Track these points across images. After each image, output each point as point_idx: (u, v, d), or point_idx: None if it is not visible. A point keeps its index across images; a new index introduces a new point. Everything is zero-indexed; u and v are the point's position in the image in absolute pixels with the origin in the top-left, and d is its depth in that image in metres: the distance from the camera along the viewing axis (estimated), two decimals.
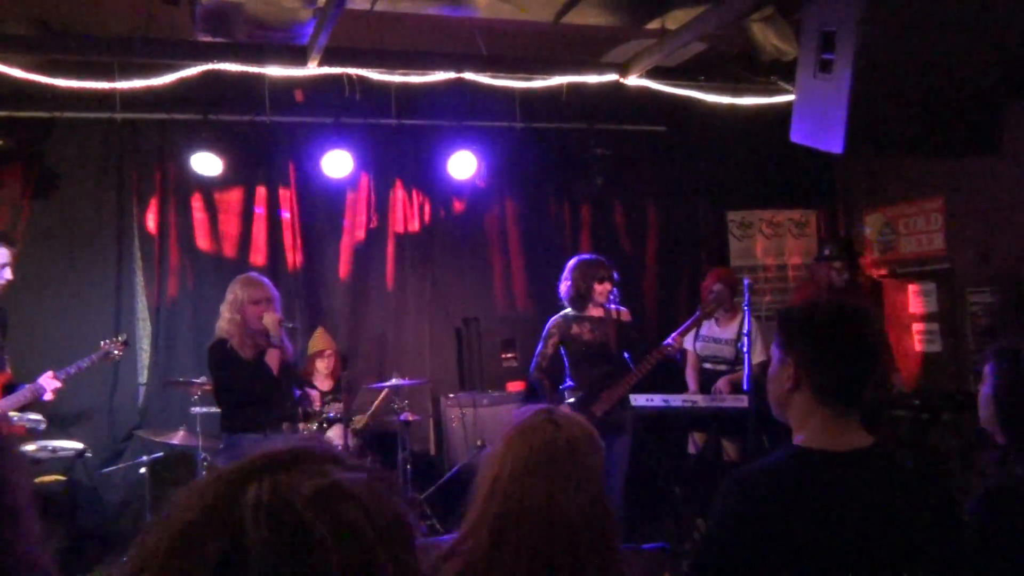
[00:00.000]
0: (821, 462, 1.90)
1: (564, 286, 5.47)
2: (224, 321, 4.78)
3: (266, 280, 4.99)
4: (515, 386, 7.06)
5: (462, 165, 7.09)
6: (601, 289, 5.38)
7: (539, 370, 5.47)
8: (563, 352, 5.51)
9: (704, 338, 6.30)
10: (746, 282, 5.56)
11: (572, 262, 5.51)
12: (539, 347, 5.51)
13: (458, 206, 7.66)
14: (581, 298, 5.38)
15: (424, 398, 7.12)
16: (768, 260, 8.21)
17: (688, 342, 6.25)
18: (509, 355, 7.28)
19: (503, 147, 7.41)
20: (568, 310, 5.50)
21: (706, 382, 6.24)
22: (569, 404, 5.31)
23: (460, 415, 6.72)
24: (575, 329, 5.43)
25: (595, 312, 5.45)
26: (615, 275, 5.47)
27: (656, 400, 5.64)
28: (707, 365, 6.34)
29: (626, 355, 5.44)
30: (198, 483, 0.87)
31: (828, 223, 8.37)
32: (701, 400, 5.65)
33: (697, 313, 5.49)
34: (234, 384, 4.75)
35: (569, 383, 5.46)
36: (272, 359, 4.83)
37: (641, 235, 8.10)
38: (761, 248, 8.21)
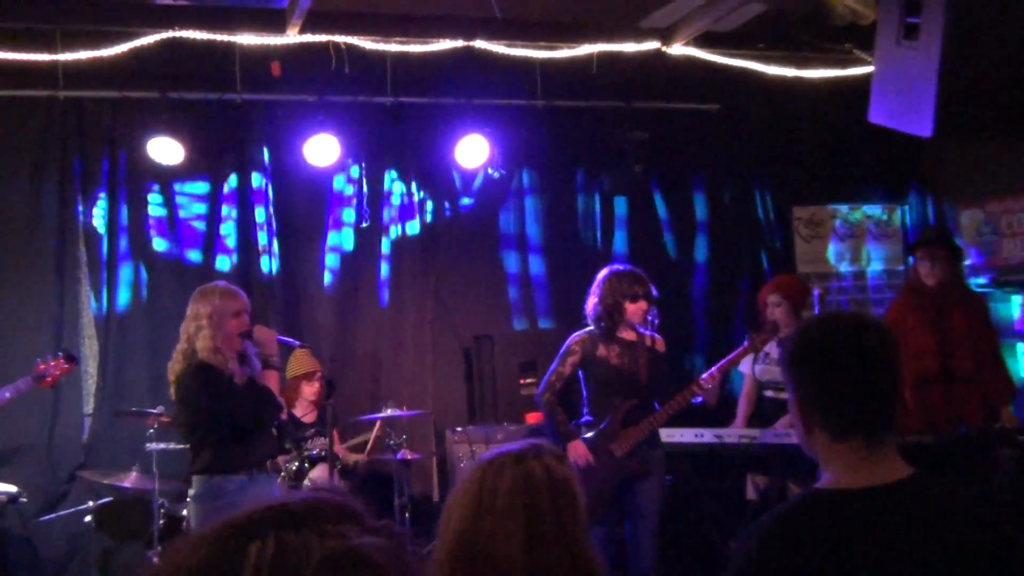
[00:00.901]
0: (839, 502, 1.93)
1: (591, 302, 5.45)
2: (205, 340, 4.65)
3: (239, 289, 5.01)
4: (535, 417, 7.04)
5: (471, 152, 7.09)
6: (635, 309, 5.35)
7: (551, 391, 5.41)
8: (582, 377, 5.50)
9: (765, 359, 6.26)
10: (815, 293, 5.53)
11: (602, 274, 5.49)
12: (554, 365, 5.47)
13: (466, 201, 7.69)
14: (610, 319, 5.37)
15: (426, 432, 7.12)
16: (843, 266, 8.19)
17: (745, 364, 6.23)
18: (528, 380, 7.25)
19: (521, 130, 7.42)
20: (594, 328, 5.51)
21: (767, 413, 6.22)
22: (585, 440, 5.31)
23: (470, 453, 6.71)
24: (601, 351, 5.40)
25: (627, 335, 5.44)
26: (654, 291, 5.45)
27: (706, 436, 5.62)
28: (768, 393, 6.31)
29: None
30: (193, 537, 0.88)
31: (916, 221, 8.35)
32: (761, 435, 5.63)
33: (745, 343, 5.42)
34: (225, 415, 4.65)
35: (586, 418, 5.45)
36: (272, 382, 4.82)
37: (688, 236, 8.09)
38: (834, 251, 8.19)
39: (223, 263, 7.02)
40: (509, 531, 2.03)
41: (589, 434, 5.36)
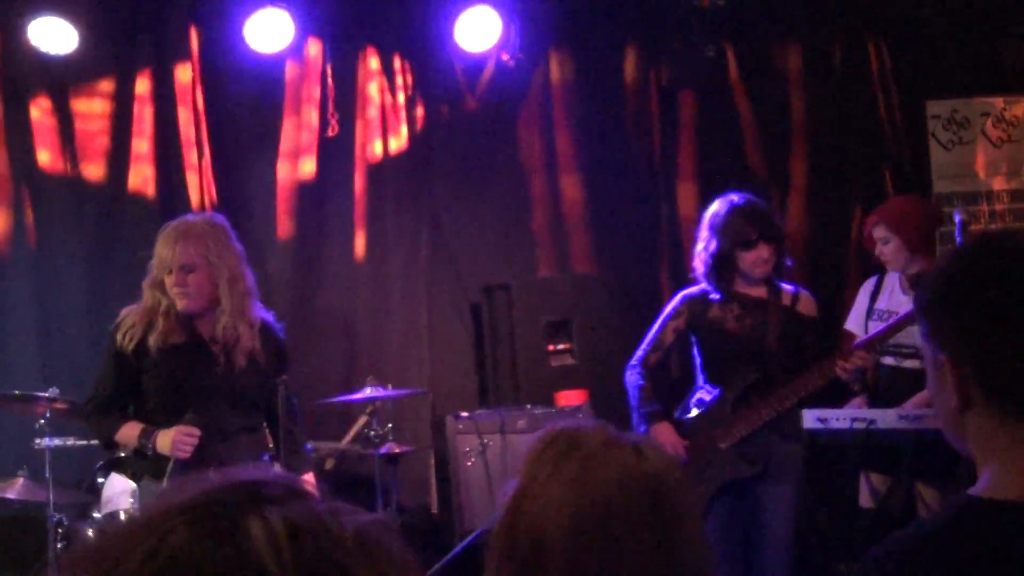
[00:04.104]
0: (1010, 520, 1.84)
1: (698, 251, 5.50)
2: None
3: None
4: (571, 397, 7.02)
5: (478, 30, 7.09)
6: (753, 259, 5.35)
7: (645, 365, 5.53)
8: (696, 348, 5.57)
9: (881, 314, 6.20)
10: (957, 218, 5.43)
11: (713, 210, 5.49)
12: (653, 331, 5.58)
13: (471, 101, 7.65)
14: (719, 273, 5.38)
15: (420, 419, 7.13)
16: (997, 182, 8.08)
17: (853, 319, 6.22)
18: (561, 346, 7.23)
19: None
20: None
21: (887, 388, 6.16)
22: (679, 424, 5.37)
23: (480, 446, 6.69)
24: (715, 312, 5.46)
25: (753, 290, 5.48)
26: (781, 231, 5.48)
27: (806, 419, 5.57)
28: (888, 360, 6.25)
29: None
30: (145, 521, 1.00)
31: None
32: (883, 418, 5.58)
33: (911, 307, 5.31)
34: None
35: (703, 395, 5.50)
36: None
37: (781, 145, 8.00)
38: (985, 162, 8.08)
39: (140, 188, 7.04)
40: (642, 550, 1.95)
41: (690, 415, 5.43)
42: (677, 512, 1.99)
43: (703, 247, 5.45)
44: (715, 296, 5.47)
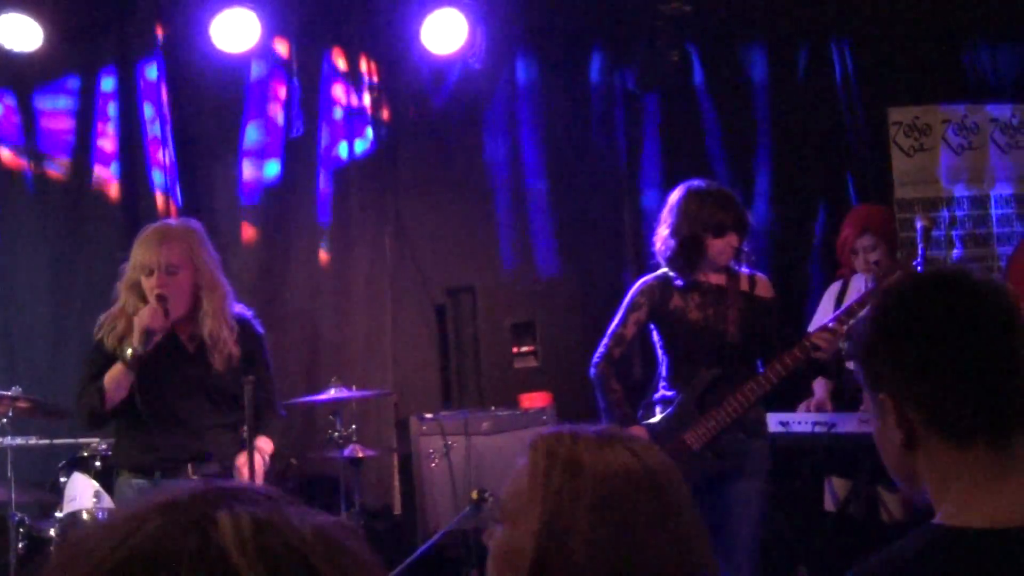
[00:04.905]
0: (979, 548, 1.88)
1: (660, 234, 5.46)
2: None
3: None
4: (535, 399, 7.04)
5: (444, 32, 7.06)
6: (721, 246, 5.33)
7: (608, 362, 5.45)
8: (658, 338, 5.52)
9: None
10: (919, 225, 5.48)
11: (676, 195, 5.47)
12: (614, 325, 5.51)
13: (437, 104, 7.64)
14: (687, 258, 5.36)
15: (384, 421, 7.13)
16: (957, 189, 8.13)
17: (818, 324, 6.20)
18: (525, 348, 7.27)
19: (513, 2, 7.37)
20: (667, 270, 5.49)
21: (852, 391, 6.21)
22: (650, 429, 5.30)
23: (443, 448, 6.70)
24: (676, 302, 5.42)
25: (712, 277, 5.45)
26: (747, 219, 5.43)
27: (769, 422, 5.61)
28: (852, 364, 6.30)
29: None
30: (114, 521, 1.02)
31: None
32: (844, 422, 5.62)
33: (870, 285, 5.34)
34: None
35: (665, 391, 5.45)
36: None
37: (745, 149, 8.05)
38: (947, 168, 8.13)
39: (103, 188, 7.00)
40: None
41: (653, 419, 5.38)
42: (678, 499, 2.03)
43: (669, 232, 5.37)
44: (678, 282, 5.42)
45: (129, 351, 4.74)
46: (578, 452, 2.03)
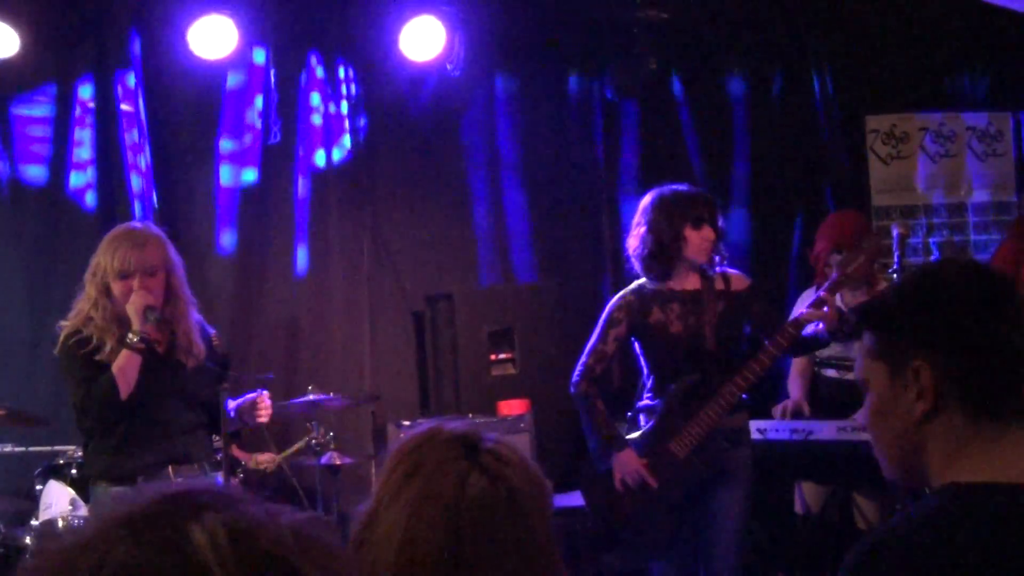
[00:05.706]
0: (1005, 502, 1.90)
1: (636, 235, 5.41)
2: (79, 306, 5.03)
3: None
4: (513, 406, 7.04)
5: (423, 40, 7.05)
6: (699, 240, 5.28)
7: (588, 380, 5.40)
8: (640, 351, 5.50)
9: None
10: (895, 233, 5.50)
11: (648, 199, 5.45)
12: (593, 340, 5.46)
13: (415, 111, 7.64)
14: (666, 257, 5.31)
15: (362, 428, 7.11)
16: (934, 196, 8.17)
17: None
18: (503, 356, 7.27)
19: (492, 8, 7.38)
20: (643, 281, 5.46)
21: (827, 398, 6.23)
22: (633, 441, 5.29)
23: None
24: (656, 315, 5.36)
25: (688, 283, 5.40)
26: (718, 218, 5.41)
27: None
28: (829, 372, 6.33)
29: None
30: (87, 533, 1.02)
31: None
32: (822, 430, 5.63)
33: (836, 274, 5.30)
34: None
35: (650, 400, 5.43)
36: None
37: (722, 156, 8.06)
38: (924, 176, 8.17)
39: (79, 197, 6.97)
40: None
41: (636, 434, 5.36)
42: (525, 516, 2.00)
43: (647, 228, 5.33)
44: (651, 286, 5.39)
45: (132, 335, 4.76)
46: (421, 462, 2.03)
